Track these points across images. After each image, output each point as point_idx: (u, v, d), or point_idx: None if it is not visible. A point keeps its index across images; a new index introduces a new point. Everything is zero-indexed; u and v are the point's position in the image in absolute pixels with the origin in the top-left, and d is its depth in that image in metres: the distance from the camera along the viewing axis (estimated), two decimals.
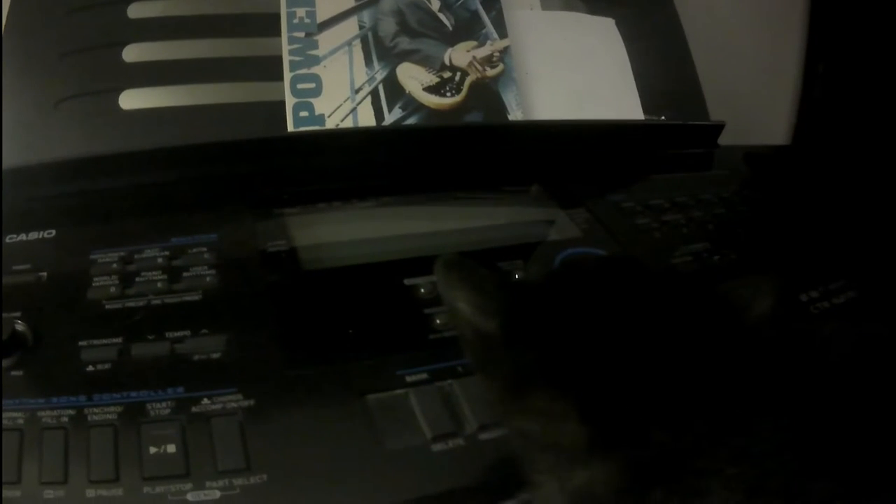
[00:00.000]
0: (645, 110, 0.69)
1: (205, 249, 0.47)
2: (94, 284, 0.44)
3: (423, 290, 0.46)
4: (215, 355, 0.40)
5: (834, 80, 0.83)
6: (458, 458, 0.37)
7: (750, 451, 0.27)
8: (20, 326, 0.40)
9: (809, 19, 0.83)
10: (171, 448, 0.35)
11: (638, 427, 0.28)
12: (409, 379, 0.40)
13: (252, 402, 0.38)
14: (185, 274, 0.45)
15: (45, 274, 0.45)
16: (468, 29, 0.64)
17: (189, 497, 0.34)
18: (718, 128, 0.71)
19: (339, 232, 0.53)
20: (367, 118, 0.58)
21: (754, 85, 0.83)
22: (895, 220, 0.64)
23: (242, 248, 0.48)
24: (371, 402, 0.39)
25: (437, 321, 0.44)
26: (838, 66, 0.83)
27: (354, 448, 0.37)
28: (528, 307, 0.31)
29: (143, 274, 0.45)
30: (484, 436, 0.38)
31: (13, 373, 0.38)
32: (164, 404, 0.37)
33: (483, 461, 0.37)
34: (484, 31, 0.64)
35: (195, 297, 0.44)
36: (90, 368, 0.39)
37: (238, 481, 0.34)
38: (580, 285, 0.33)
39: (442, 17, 0.64)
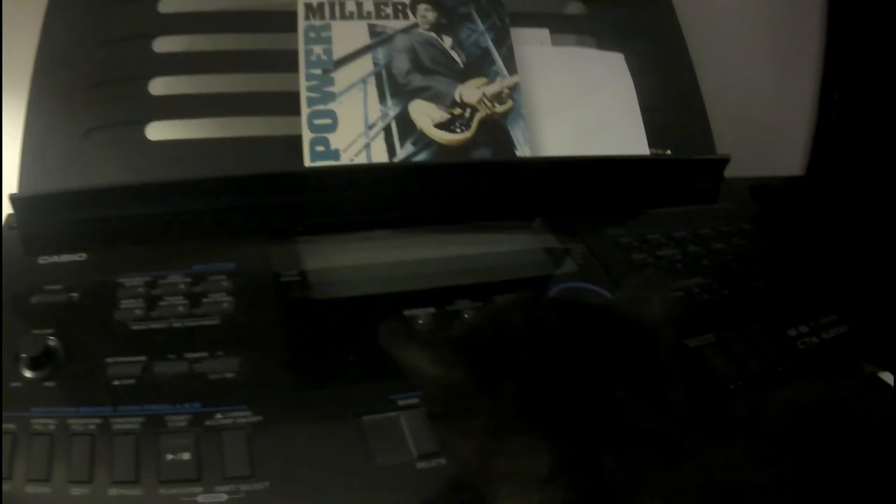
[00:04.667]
0: (651, 144, 0.73)
1: (223, 277, 0.54)
2: (121, 306, 0.51)
3: (420, 321, 0.52)
4: (229, 375, 0.47)
5: (850, 109, 0.86)
6: (440, 475, 0.43)
7: (693, 487, 0.32)
8: (52, 342, 0.47)
9: (825, 45, 0.86)
10: (186, 456, 0.42)
11: (591, 453, 0.34)
12: (401, 403, 0.47)
13: (260, 418, 0.45)
14: (204, 300, 0.52)
15: (76, 294, 0.52)
16: (479, 66, 0.70)
17: (199, 499, 0.41)
18: (723, 162, 0.75)
19: (347, 264, 0.59)
20: (379, 153, 0.64)
21: (768, 114, 0.87)
22: None
23: (257, 277, 0.55)
24: (365, 423, 0.46)
25: None
26: (855, 93, 0.86)
27: (348, 462, 0.44)
28: (486, 352, 0.37)
29: (166, 298, 0.52)
30: None
31: (46, 384, 0.46)
32: (181, 417, 0.44)
33: None
34: (494, 67, 0.70)
35: (213, 321, 0.51)
36: (116, 383, 0.46)
37: (243, 487, 0.42)
38: (523, 326, 0.38)
39: (454, 54, 0.70)
